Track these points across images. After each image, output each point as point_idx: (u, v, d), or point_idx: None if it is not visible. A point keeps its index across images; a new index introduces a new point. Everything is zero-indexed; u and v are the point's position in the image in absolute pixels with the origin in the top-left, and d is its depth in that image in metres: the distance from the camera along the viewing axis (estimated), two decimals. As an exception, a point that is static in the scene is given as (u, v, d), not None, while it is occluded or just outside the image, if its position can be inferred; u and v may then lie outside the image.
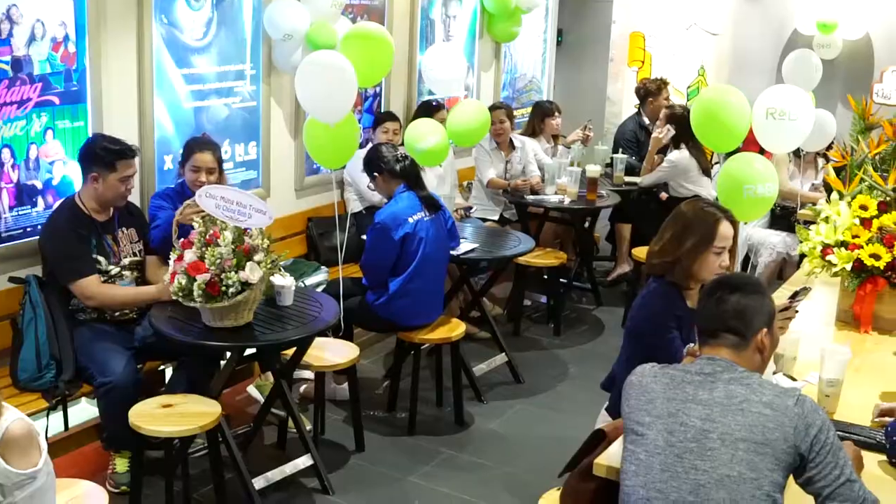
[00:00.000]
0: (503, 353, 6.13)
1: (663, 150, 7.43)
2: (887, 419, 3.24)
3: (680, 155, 7.20)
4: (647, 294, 3.65)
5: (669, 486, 2.56)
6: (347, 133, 5.00)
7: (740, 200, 4.29)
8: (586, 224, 7.57)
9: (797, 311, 3.58)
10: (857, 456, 2.98)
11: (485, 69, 8.23)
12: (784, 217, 6.88)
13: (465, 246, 5.70)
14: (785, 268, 6.94)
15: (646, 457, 2.62)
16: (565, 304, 7.34)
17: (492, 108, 7.17)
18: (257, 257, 4.08)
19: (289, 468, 4.66)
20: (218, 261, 4.01)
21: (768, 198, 4.41)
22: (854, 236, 4.22)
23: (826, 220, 4.34)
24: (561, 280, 7.26)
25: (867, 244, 4.18)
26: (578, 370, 6.27)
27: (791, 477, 2.60)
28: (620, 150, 8.00)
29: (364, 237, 5.37)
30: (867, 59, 8.69)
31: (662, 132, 7.30)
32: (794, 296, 3.57)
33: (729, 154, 5.36)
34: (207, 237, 4.08)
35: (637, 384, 2.76)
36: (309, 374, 5.32)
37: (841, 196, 4.38)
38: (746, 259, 7.17)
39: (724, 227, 3.58)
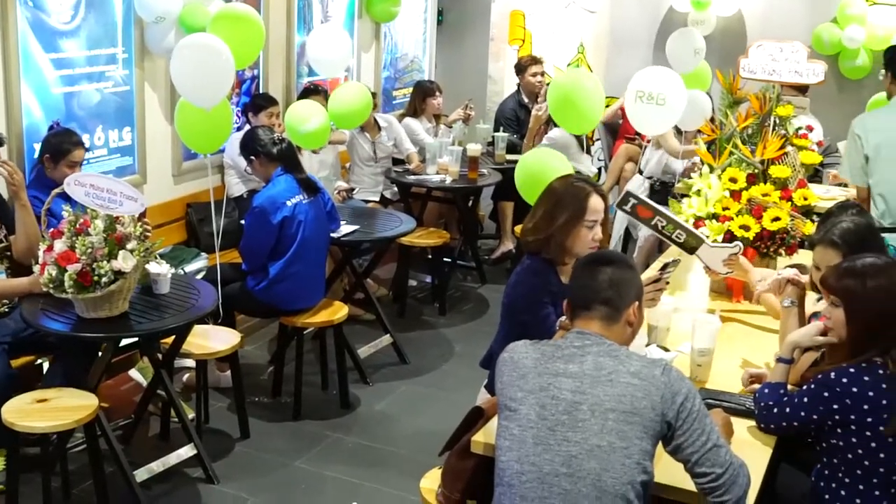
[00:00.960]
0: (388, 335, 6.12)
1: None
2: (756, 386, 3.32)
3: (560, 132, 7.27)
4: (521, 271, 3.67)
5: (542, 459, 2.58)
6: (219, 117, 4.91)
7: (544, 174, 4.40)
8: (469, 203, 7.60)
9: (667, 283, 3.64)
10: (726, 422, 3.06)
11: (365, 50, 8.17)
12: (662, 192, 7.00)
13: (345, 228, 5.67)
14: (664, 241, 7.06)
15: (519, 431, 2.64)
16: (450, 284, 7.37)
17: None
18: (130, 245, 3.99)
19: (172, 458, 4.60)
20: (89, 250, 3.92)
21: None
22: (724, 208, 4.32)
23: (698, 193, 4.43)
24: (445, 259, 7.30)
25: (737, 216, 4.28)
26: (463, 348, 6.30)
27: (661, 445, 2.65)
28: (501, 128, 8.06)
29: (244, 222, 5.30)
30: (740, 35, 8.91)
31: (542, 109, 7.35)
32: (664, 268, 3.63)
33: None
34: (78, 226, 3.97)
35: (510, 360, 2.77)
36: (191, 363, 5.24)
37: (711, 169, 4.48)
38: (627, 234, 7.28)
39: (595, 201, 3.62)
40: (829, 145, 8.09)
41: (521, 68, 8.27)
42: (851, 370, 2.96)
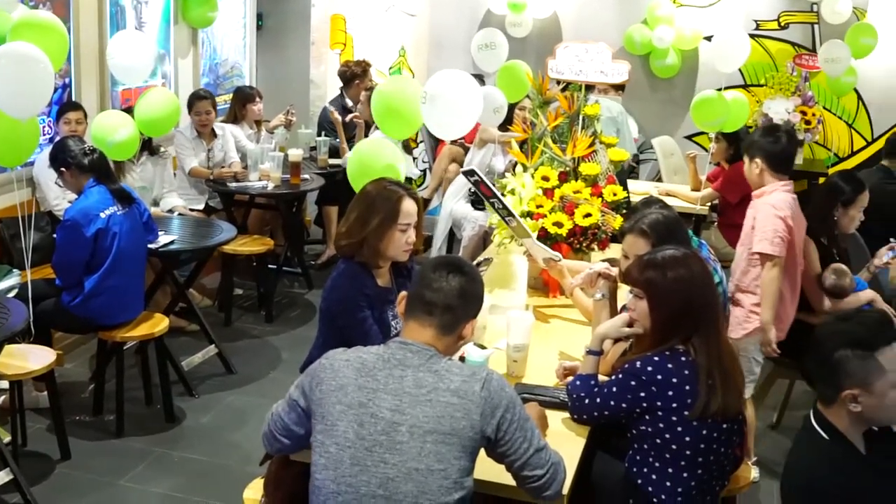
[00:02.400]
0: (213, 345, 6.03)
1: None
2: (570, 378, 3.40)
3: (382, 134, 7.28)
4: (336, 276, 3.66)
5: (359, 480, 2.54)
6: (25, 128, 4.72)
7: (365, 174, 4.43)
8: (293, 209, 7.55)
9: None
10: (541, 416, 3.13)
11: (182, 56, 8.00)
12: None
13: (163, 238, 5.54)
14: (487, 240, 7.16)
15: (336, 450, 2.58)
16: (276, 291, 7.30)
17: (198, 98, 7.10)
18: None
19: (-14, 486, 4.41)
20: None
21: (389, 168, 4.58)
22: (538, 206, 4.42)
23: (512, 192, 4.51)
24: (270, 266, 7.23)
25: (550, 213, 4.39)
26: (291, 355, 6.25)
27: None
28: (324, 133, 8.03)
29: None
30: (555, 36, 9.12)
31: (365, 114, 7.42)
32: (478, 265, 3.69)
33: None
34: None
35: (329, 368, 2.69)
36: (4, 384, 5.03)
37: (525, 168, 4.56)
38: (452, 234, 7.35)
39: (408, 204, 3.64)
40: (644, 141, 8.38)
41: (355, 75, 8.28)
42: (656, 359, 3.07)
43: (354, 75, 8.28)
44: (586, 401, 3.19)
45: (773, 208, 4.64)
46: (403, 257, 3.70)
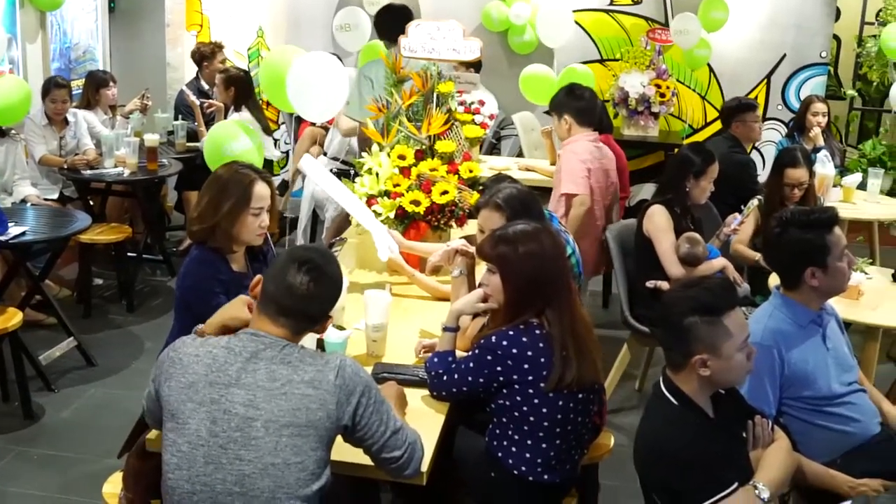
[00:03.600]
0: (72, 337, 5.86)
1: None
2: (429, 354, 3.42)
3: (241, 117, 7.20)
4: (189, 262, 3.61)
5: (214, 479, 2.49)
6: None
7: (223, 158, 4.35)
8: (152, 195, 7.40)
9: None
10: (399, 395, 3.13)
11: (30, 41, 7.75)
12: (344, 173, 7.07)
13: (13, 230, 5.35)
14: (350, 221, 7.14)
15: (188, 449, 2.52)
16: (137, 279, 7.14)
17: (56, 86, 6.90)
18: None
19: None
20: None
21: (247, 151, 4.52)
22: (395, 185, 4.41)
23: (369, 171, 4.49)
24: (130, 255, 7.07)
25: (408, 191, 4.38)
26: (154, 345, 6.11)
27: None
28: (181, 116, 7.88)
29: None
30: (415, 13, 9.08)
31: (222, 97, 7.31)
32: (331, 246, 3.67)
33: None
34: None
35: (178, 362, 2.61)
36: None
37: (381, 147, 4.55)
38: (315, 215, 7.30)
39: (260, 188, 3.60)
40: (504, 118, 8.44)
41: (204, 56, 8.16)
42: (510, 333, 3.11)
43: (204, 56, 8.18)
44: (444, 377, 3.21)
45: (574, 154, 5.44)
46: (258, 241, 3.66)
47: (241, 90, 7.35)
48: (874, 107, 9.69)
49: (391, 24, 6.02)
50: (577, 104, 5.62)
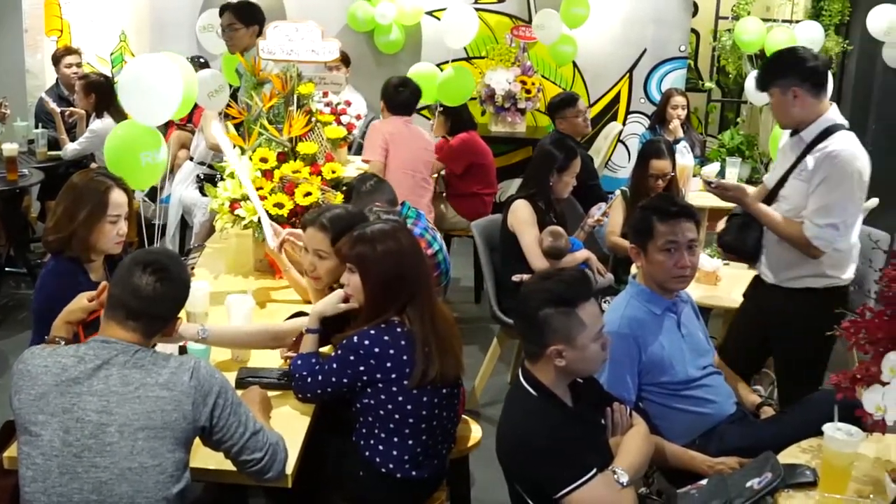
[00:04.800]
0: (-71, 355, 5.68)
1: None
2: (292, 355, 3.41)
3: (104, 123, 7.06)
4: (45, 273, 3.54)
5: (71, 489, 2.46)
6: None
7: (138, 168, 4.26)
8: (13, 206, 7.19)
9: (192, 267, 3.66)
10: (263, 398, 3.13)
11: None
12: (210, 178, 6.99)
13: None
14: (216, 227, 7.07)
15: (43, 461, 2.48)
16: (1, 292, 6.94)
17: None
18: None
19: None
20: None
21: (162, 163, 4.44)
22: (258, 188, 4.38)
23: (232, 175, 4.46)
24: (-8, 267, 6.88)
25: (271, 194, 4.36)
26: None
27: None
28: (41, 124, 7.68)
29: None
30: (280, 15, 9.02)
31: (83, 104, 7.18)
32: (188, 254, 3.64)
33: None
34: None
35: (26, 374, 2.56)
36: None
37: (243, 151, 4.52)
38: (184, 221, 7.20)
39: (117, 195, 3.55)
40: (373, 117, 8.44)
41: (55, 60, 7.97)
42: (372, 332, 3.13)
43: (57, 60, 7.99)
44: (309, 379, 3.21)
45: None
46: (116, 250, 3.61)
47: (102, 96, 7.21)
48: (733, 98, 9.98)
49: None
50: (395, 97, 6.51)
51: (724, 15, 9.54)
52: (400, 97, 6.48)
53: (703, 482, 3.10)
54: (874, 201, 6.14)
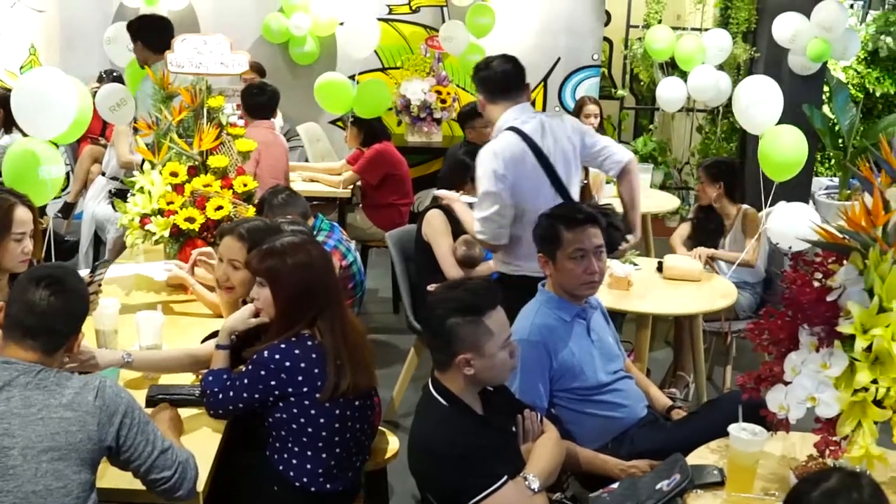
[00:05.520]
0: None
1: None
2: (203, 371, 3.38)
3: (11, 139, 6.93)
4: (-54, 295, 3.46)
5: None
6: None
7: (36, 182, 4.20)
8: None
9: (100, 285, 3.61)
10: (173, 416, 3.09)
11: None
12: (122, 194, 6.90)
13: None
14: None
15: None
16: None
17: None
18: None
19: None
20: None
21: (59, 178, 4.39)
22: (169, 203, 4.35)
23: (141, 190, 4.42)
24: None
25: (182, 209, 4.33)
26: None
27: None
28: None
29: None
30: (193, 28, 8.96)
31: None
32: (94, 270, 3.60)
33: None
34: None
35: None
36: None
37: (153, 165, 4.48)
38: (97, 236, 7.09)
39: (21, 212, 3.50)
40: (289, 129, 8.42)
41: None
42: (283, 346, 3.12)
43: None
44: (220, 395, 3.18)
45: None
46: (21, 268, 3.54)
47: (10, 111, 7.07)
48: (646, 105, 10.14)
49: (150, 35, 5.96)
50: (253, 101, 6.58)
51: (636, 24, 9.68)
52: (257, 101, 6.57)
53: (615, 486, 3.15)
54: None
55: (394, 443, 3.79)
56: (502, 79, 4.35)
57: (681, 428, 3.63)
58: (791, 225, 4.93)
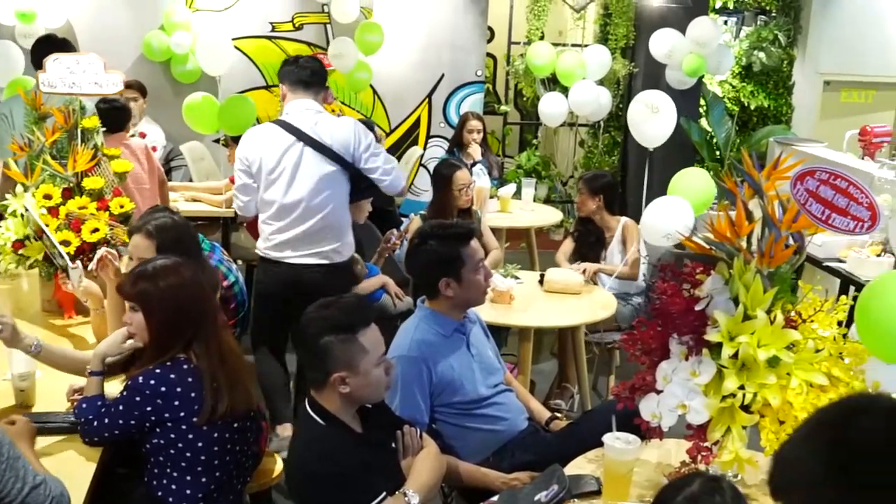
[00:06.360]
0: None
1: None
2: (78, 398, 3.31)
3: None
4: None
5: None
6: None
7: None
8: None
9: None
10: (25, 432, 3.03)
11: None
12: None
13: None
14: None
15: None
16: None
17: None
18: None
19: None
20: None
21: None
22: (45, 225, 4.25)
23: (14, 214, 4.31)
24: None
25: (57, 231, 4.23)
26: None
27: None
28: None
29: None
30: (73, 45, 8.78)
31: None
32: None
33: None
34: None
35: None
36: None
37: (26, 188, 4.38)
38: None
39: None
40: (172, 148, 8.29)
41: None
42: (158, 371, 3.08)
43: None
44: (95, 423, 3.12)
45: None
46: None
47: None
48: (531, 120, 10.27)
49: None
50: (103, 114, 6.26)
51: (518, 40, 9.81)
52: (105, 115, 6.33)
53: (495, 498, 3.18)
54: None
55: (280, 463, 3.77)
56: (297, 75, 4.87)
57: (560, 439, 3.69)
58: (663, 220, 5.05)
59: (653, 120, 5.93)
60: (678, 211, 5.05)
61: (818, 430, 1.65)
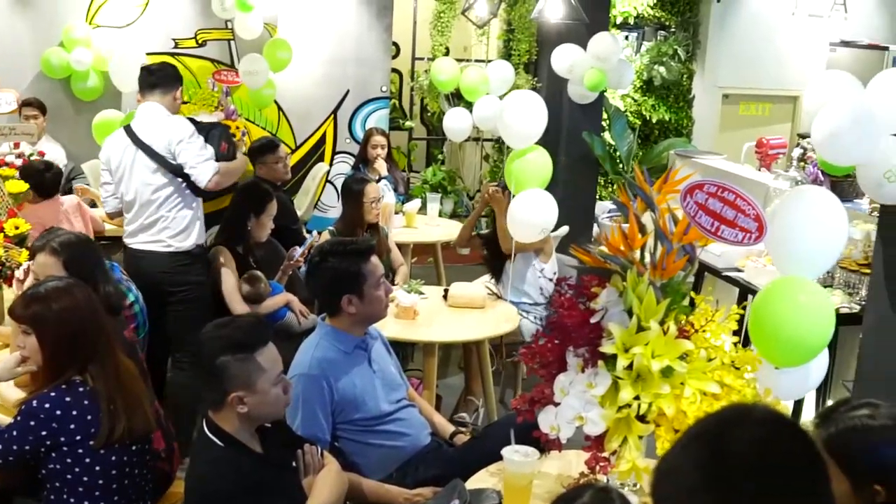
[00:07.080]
0: None
1: None
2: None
3: None
4: None
5: None
6: None
7: None
8: None
9: None
10: None
11: None
12: None
13: None
14: None
15: None
16: None
17: None
18: None
19: None
20: None
21: None
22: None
23: None
24: None
25: (-51, 254, 4.15)
26: None
27: None
28: None
29: None
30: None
31: None
32: None
33: None
34: None
35: None
36: None
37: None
38: None
39: None
40: (73, 167, 8.16)
41: None
42: (52, 394, 3.03)
43: None
44: (-11, 448, 3.07)
45: None
46: None
47: None
48: (437, 136, 10.31)
49: None
50: (41, 178, 6.06)
51: (422, 56, 9.85)
52: (44, 178, 6.13)
53: (398, 514, 3.19)
54: (564, 229, 6.51)
55: (180, 486, 3.73)
56: (145, 80, 5.26)
57: (463, 453, 3.71)
58: (533, 215, 5.19)
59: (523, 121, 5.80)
60: (543, 202, 5.20)
61: (696, 441, 1.70)
